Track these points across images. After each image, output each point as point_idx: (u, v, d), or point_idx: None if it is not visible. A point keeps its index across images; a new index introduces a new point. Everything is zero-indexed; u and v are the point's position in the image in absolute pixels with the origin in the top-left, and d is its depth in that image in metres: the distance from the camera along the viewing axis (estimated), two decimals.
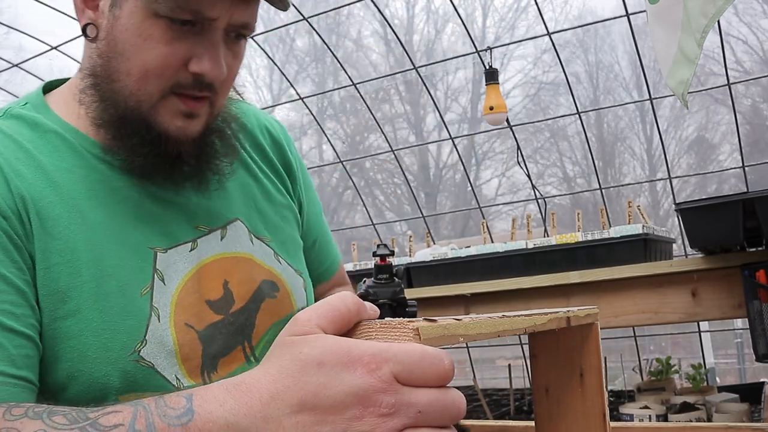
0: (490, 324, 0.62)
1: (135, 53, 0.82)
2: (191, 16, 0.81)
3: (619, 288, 2.59)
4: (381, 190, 9.53)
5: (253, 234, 0.99)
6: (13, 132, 0.86)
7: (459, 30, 6.60)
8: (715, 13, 2.01)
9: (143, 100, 0.84)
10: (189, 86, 0.84)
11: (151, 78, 0.83)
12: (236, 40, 0.88)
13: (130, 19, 0.82)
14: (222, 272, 0.93)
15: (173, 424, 0.54)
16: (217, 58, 0.84)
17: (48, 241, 0.80)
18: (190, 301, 0.88)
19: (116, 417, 0.56)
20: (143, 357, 0.82)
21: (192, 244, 0.92)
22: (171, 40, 0.82)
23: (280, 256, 1.01)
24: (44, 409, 0.60)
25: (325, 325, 0.55)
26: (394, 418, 0.51)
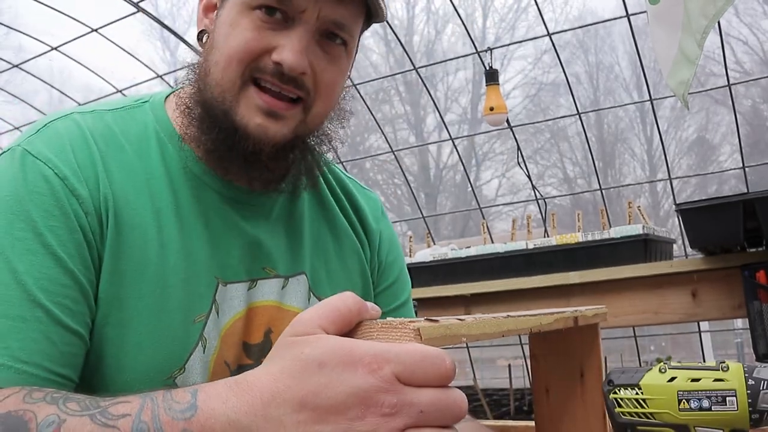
0: (493, 324, 0.62)
1: (224, 42, 0.83)
2: (279, 3, 0.81)
3: (620, 288, 2.59)
4: (381, 190, 9.53)
5: (312, 292, 0.96)
6: (120, 130, 0.86)
7: (459, 30, 6.61)
8: (715, 13, 2.02)
9: (227, 89, 0.83)
10: (268, 72, 0.82)
11: (233, 63, 0.82)
12: (331, 43, 0.85)
13: (227, 16, 0.84)
14: (269, 320, 0.91)
15: (177, 418, 0.55)
16: (299, 50, 0.82)
17: (121, 246, 0.80)
18: (234, 340, 0.87)
19: (125, 407, 0.57)
20: (177, 384, 0.81)
21: (251, 284, 0.90)
22: (257, 29, 0.82)
23: None
24: (61, 396, 0.62)
25: (326, 326, 0.55)
26: (396, 418, 0.51)
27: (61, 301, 0.74)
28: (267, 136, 0.84)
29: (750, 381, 0.75)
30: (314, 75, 0.84)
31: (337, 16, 0.83)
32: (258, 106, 0.83)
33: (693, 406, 0.76)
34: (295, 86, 0.84)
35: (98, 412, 0.58)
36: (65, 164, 0.79)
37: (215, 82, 0.84)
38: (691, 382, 0.77)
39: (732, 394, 0.75)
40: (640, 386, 0.79)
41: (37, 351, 0.72)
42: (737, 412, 0.74)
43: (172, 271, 0.82)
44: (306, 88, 0.84)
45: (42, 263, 0.74)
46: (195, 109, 0.87)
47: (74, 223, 0.77)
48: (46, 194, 0.77)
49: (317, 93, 0.86)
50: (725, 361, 0.77)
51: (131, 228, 0.81)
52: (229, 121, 0.83)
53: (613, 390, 0.81)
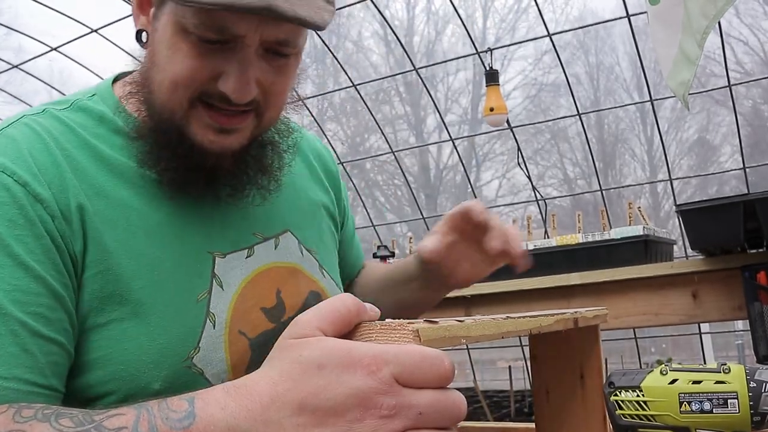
0: (493, 326, 0.62)
1: (167, 64, 0.81)
2: (217, 33, 0.78)
3: (620, 289, 2.58)
4: (381, 191, 9.53)
5: (303, 245, 0.99)
6: (78, 126, 0.85)
7: (459, 31, 6.61)
8: (715, 14, 2.01)
9: (175, 110, 0.82)
10: (216, 98, 0.82)
11: (179, 89, 0.81)
12: (278, 57, 0.83)
13: (164, 32, 0.81)
14: (275, 281, 0.92)
15: (175, 427, 0.54)
16: (245, 79, 0.80)
17: (106, 242, 0.79)
18: (246, 308, 0.88)
19: (120, 420, 0.56)
20: (195, 363, 0.82)
21: (249, 251, 0.91)
22: (199, 56, 0.79)
23: (324, 269, 1.02)
24: (52, 412, 0.61)
25: (325, 327, 0.55)
26: (394, 420, 0.51)
27: (35, 311, 0.73)
28: (223, 148, 0.84)
29: (751, 383, 0.74)
30: (263, 89, 0.83)
31: (280, 35, 0.81)
32: (209, 125, 0.83)
33: (694, 408, 0.76)
34: (243, 110, 0.83)
35: (93, 427, 0.57)
36: (24, 170, 0.77)
37: (161, 103, 0.83)
38: (692, 384, 0.77)
39: (733, 396, 0.74)
40: (641, 388, 0.79)
41: (17, 365, 0.71)
42: (739, 414, 0.74)
43: (165, 254, 0.83)
44: (255, 102, 0.84)
45: (11, 275, 0.73)
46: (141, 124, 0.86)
47: (40, 228, 0.76)
48: (7, 203, 0.75)
49: (267, 103, 0.85)
50: (726, 363, 0.77)
51: (113, 221, 0.81)
52: (185, 141, 0.83)
53: (614, 392, 0.81)
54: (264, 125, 0.89)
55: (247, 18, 0.77)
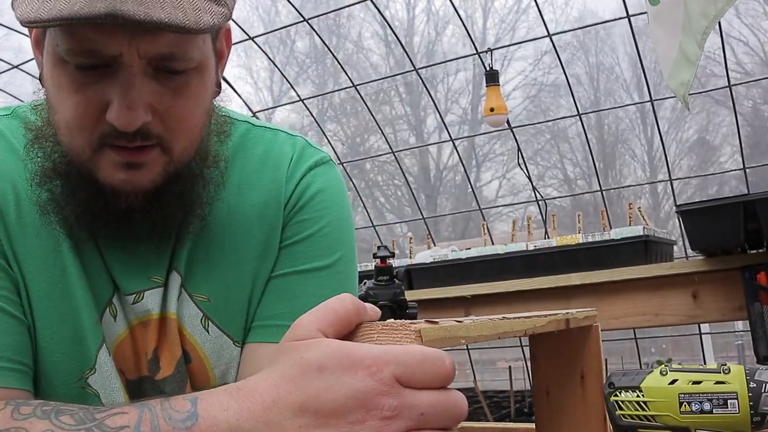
0: (490, 326, 0.62)
1: (57, 105, 0.74)
2: (89, 57, 0.69)
3: (620, 290, 2.58)
4: (381, 191, 9.53)
5: (184, 288, 0.86)
6: (10, 132, 0.84)
7: (459, 31, 6.61)
8: (715, 14, 2.02)
9: (80, 153, 0.75)
10: (115, 138, 0.72)
11: (74, 132, 0.74)
12: (173, 75, 0.73)
13: (47, 68, 0.74)
14: (156, 335, 0.85)
15: (178, 427, 0.54)
16: (128, 104, 0.70)
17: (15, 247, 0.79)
18: (127, 351, 0.84)
19: (122, 418, 0.57)
20: (90, 384, 0.80)
21: (137, 296, 0.84)
22: (81, 87, 0.71)
23: (212, 321, 0.87)
24: (52, 408, 0.61)
25: (325, 329, 0.55)
26: (396, 421, 0.51)
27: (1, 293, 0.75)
28: (134, 187, 0.75)
29: (751, 384, 0.74)
30: (161, 116, 0.74)
31: (161, 49, 0.70)
32: (117, 163, 0.74)
33: (694, 408, 0.76)
34: (143, 139, 0.73)
35: (95, 426, 0.57)
36: None
37: (66, 146, 0.76)
38: (692, 385, 0.77)
39: (733, 396, 0.74)
40: (641, 389, 0.79)
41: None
42: (738, 414, 0.74)
43: (72, 269, 0.80)
44: (154, 134, 0.74)
45: None
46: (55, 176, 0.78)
47: None
48: None
49: (172, 131, 0.75)
50: (726, 364, 0.77)
51: (24, 227, 0.79)
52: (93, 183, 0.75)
53: (614, 392, 0.81)
54: (177, 159, 0.78)
55: (116, 33, 0.68)
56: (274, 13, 6.74)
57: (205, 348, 0.87)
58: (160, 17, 0.65)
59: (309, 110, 6.28)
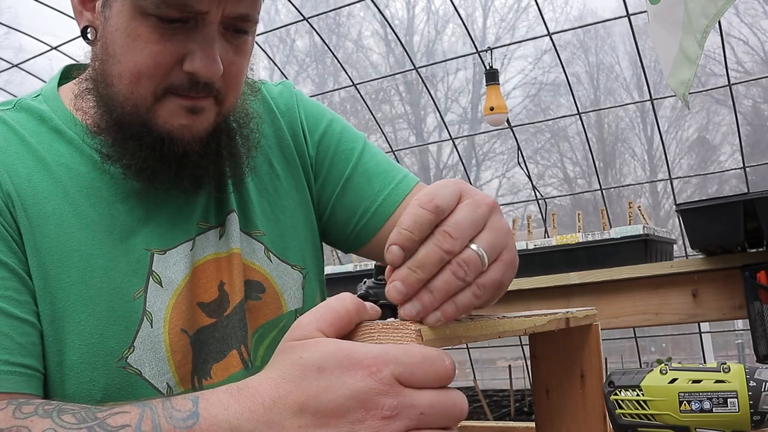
0: (491, 325, 0.62)
1: (125, 54, 0.78)
2: (179, 11, 0.75)
3: (620, 289, 2.58)
4: None
5: (242, 229, 0.93)
6: (19, 125, 0.84)
7: (459, 30, 6.61)
8: (716, 13, 2.01)
9: (139, 103, 0.79)
10: (185, 87, 0.79)
11: (143, 79, 0.78)
12: (237, 35, 0.81)
13: (119, 19, 0.77)
14: (218, 272, 0.88)
15: (179, 426, 0.54)
16: (212, 56, 0.77)
17: (37, 239, 0.78)
18: (186, 305, 0.85)
19: (123, 417, 0.57)
20: (130, 364, 0.80)
21: (191, 244, 0.87)
22: (161, 39, 0.76)
23: (272, 252, 0.95)
24: (54, 407, 0.61)
25: (325, 329, 0.55)
26: (396, 421, 0.51)
27: (4, 294, 0.74)
28: (192, 133, 0.81)
29: (751, 382, 0.74)
30: (224, 70, 0.80)
31: (242, 10, 0.78)
32: (180, 107, 0.80)
33: (694, 407, 0.76)
34: (208, 92, 0.81)
35: (96, 425, 0.57)
36: None
37: (123, 96, 0.80)
38: (692, 384, 0.77)
39: (733, 395, 0.74)
40: (641, 388, 0.79)
41: None
42: (738, 413, 0.74)
43: (98, 252, 0.80)
44: (216, 87, 0.81)
45: None
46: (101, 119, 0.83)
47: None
48: None
49: (227, 86, 0.83)
50: (726, 363, 0.77)
51: (45, 218, 0.79)
52: (152, 132, 0.80)
53: (614, 391, 0.81)
54: (225, 111, 0.85)
55: None
56: (274, 12, 6.74)
57: (273, 275, 0.94)
58: None
59: None
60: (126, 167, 0.82)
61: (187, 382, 0.84)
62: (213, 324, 0.87)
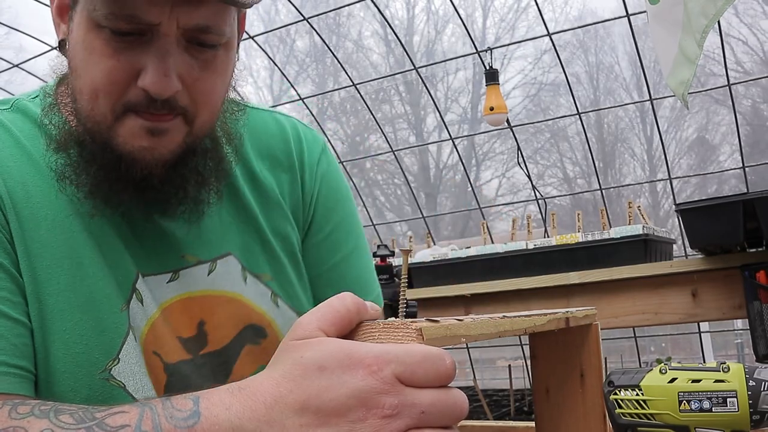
0: (491, 324, 0.62)
1: (84, 69, 0.75)
2: (128, 23, 0.71)
3: (620, 288, 2.58)
4: (381, 190, 9.53)
5: (248, 271, 0.89)
6: (15, 127, 0.83)
7: (459, 30, 6.62)
8: (715, 13, 2.02)
9: (100, 121, 0.75)
10: (143, 105, 0.74)
11: (100, 96, 0.74)
12: (203, 48, 0.75)
13: (78, 32, 0.75)
14: (200, 311, 0.86)
15: (180, 426, 0.54)
16: (164, 71, 0.72)
17: (28, 243, 0.77)
18: (162, 333, 0.83)
19: (123, 417, 0.56)
20: (114, 376, 0.78)
21: (172, 275, 0.84)
22: (114, 53, 0.72)
23: (280, 297, 0.91)
24: (50, 407, 0.60)
25: (326, 328, 0.55)
26: (397, 420, 0.51)
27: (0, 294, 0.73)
28: (154, 156, 0.76)
29: (751, 382, 0.75)
30: (188, 88, 0.75)
31: (199, 21, 0.73)
32: (141, 127, 0.75)
33: (693, 407, 0.76)
34: (170, 109, 0.75)
35: (95, 425, 0.56)
36: None
37: (85, 113, 0.77)
38: (691, 383, 0.77)
39: (733, 395, 0.75)
40: (641, 387, 0.79)
41: None
42: (738, 413, 0.74)
43: (88, 261, 0.79)
44: (181, 105, 0.76)
45: None
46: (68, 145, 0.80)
47: None
48: None
49: (197, 104, 0.77)
50: (726, 362, 0.77)
51: (36, 222, 0.78)
52: (111, 152, 0.76)
53: (614, 391, 0.81)
54: (196, 132, 0.79)
55: (159, 2, 0.70)
56: (274, 12, 6.74)
57: (278, 323, 0.90)
58: None
59: (309, 109, 6.28)
60: (79, 188, 0.79)
61: None
62: (189, 360, 0.84)
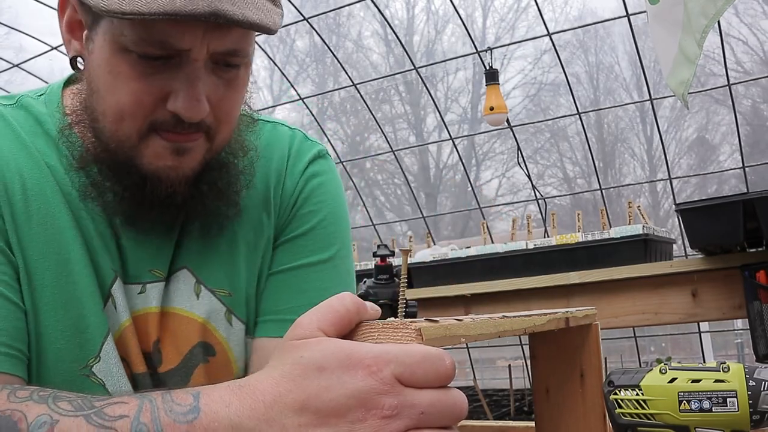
0: (491, 324, 0.62)
1: (108, 92, 0.75)
2: (159, 49, 0.71)
3: (620, 288, 2.58)
4: (381, 190, 9.53)
5: (203, 285, 0.88)
6: (17, 123, 0.84)
7: (459, 30, 6.62)
8: (715, 13, 2.02)
9: (124, 141, 0.77)
10: (170, 124, 0.75)
11: (126, 118, 0.75)
12: (229, 68, 0.77)
13: (101, 54, 0.75)
14: (157, 328, 0.86)
15: (179, 420, 0.54)
16: (196, 96, 0.74)
17: (20, 235, 0.79)
18: (130, 341, 0.84)
19: (121, 408, 0.57)
20: (95, 373, 0.80)
21: (141, 287, 0.85)
22: (142, 76, 0.73)
23: (234, 314, 0.89)
24: (49, 393, 0.61)
25: (326, 328, 0.55)
26: (396, 420, 0.51)
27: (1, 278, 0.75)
28: (178, 174, 0.78)
29: (751, 382, 0.75)
30: (213, 107, 0.77)
31: (228, 45, 0.74)
32: (165, 148, 0.77)
33: (693, 407, 0.76)
34: (197, 129, 0.77)
35: (93, 413, 0.57)
36: None
37: (109, 133, 0.77)
38: (691, 383, 0.77)
39: (733, 395, 0.75)
40: (641, 387, 0.79)
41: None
42: (738, 413, 0.74)
43: (76, 258, 0.80)
44: (205, 123, 0.77)
45: None
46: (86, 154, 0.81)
47: None
48: None
49: (218, 122, 0.79)
50: (726, 362, 0.77)
51: (29, 216, 0.79)
52: (136, 172, 0.78)
53: (614, 391, 0.81)
54: (216, 147, 0.82)
55: (192, 29, 0.71)
56: None
57: (229, 341, 0.89)
58: (253, 19, 0.70)
59: (309, 109, 6.28)
60: (104, 207, 0.81)
61: None
62: (149, 374, 0.85)
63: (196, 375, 0.88)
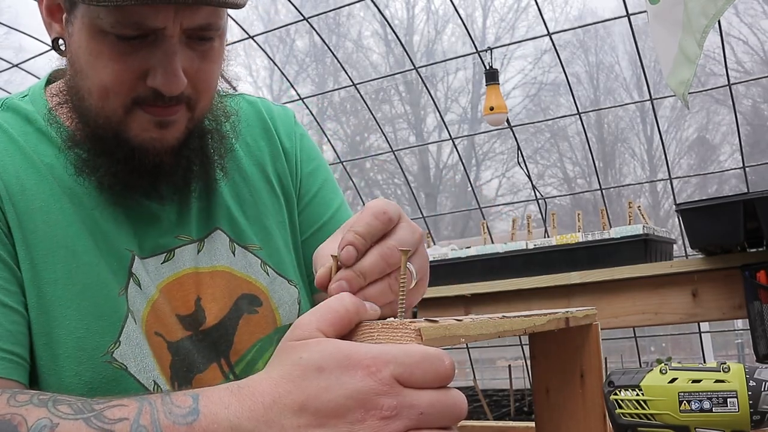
0: (490, 325, 0.62)
1: (91, 71, 0.79)
2: (135, 29, 0.75)
3: (620, 288, 2.58)
4: (381, 190, 9.53)
5: (236, 242, 0.94)
6: (7, 124, 0.86)
7: (459, 30, 6.62)
8: (715, 13, 2.01)
9: (110, 116, 0.81)
10: (151, 99, 0.80)
11: (110, 95, 0.79)
12: (203, 42, 0.81)
13: (80, 36, 0.79)
14: (195, 288, 0.89)
15: (179, 422, 0.54)
16: (173, 71, 0.78)
17: (26, 233, 0.80)
18: (163, 312, 0.86)
19: (121, 411, 0.57)
20: (116, 358, 0.80)
21: (167, 255, 0.89)
22: (121, 56, 0.77)
23: (269, 266, 0.96)
24: (49, 397, 0.61)
25: (325, 329, 0.55)
26: (396, 421, 0.51)
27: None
28: (163, 145, 0.83)
29: (751, 382, 0.74)
30: (190, 79, 0.81)
31: (200, 21, 0.78)
32: (149, 121, 0.81)
33: (694, 407, 0.76)
34: (177, 102, 0.82)
35: (93, 416, 0.57)
36: None
37: (95, 111, 0.82)
38: (691, 384, 0.77)
39: (733, 395, 0.74)
40: (641, 387, 0.79)
41: None
42: (738, 413, 0.74)
43: (83, 249, 0.82)
44: (185, 95, 0.82)
45: None
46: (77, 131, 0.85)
47: None
48: None
49: (198, 92, 0.84)
50: (726, 362, 0.77)
51: (32, 214, 0.81)
52: (124, 145, 0.82)
53: (614, 391, 0.81)
54: (198, 116, 0.87)
55: (164, 9, 0.75)
56: (274, 11, 6.75)
57: (271, 291, 0.95)
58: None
59: (309, 109, 6.28)
60: (99, 181, 0.84)
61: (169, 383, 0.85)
62: (189, 337, 0.87)
63: (241, 326, 0.91)
